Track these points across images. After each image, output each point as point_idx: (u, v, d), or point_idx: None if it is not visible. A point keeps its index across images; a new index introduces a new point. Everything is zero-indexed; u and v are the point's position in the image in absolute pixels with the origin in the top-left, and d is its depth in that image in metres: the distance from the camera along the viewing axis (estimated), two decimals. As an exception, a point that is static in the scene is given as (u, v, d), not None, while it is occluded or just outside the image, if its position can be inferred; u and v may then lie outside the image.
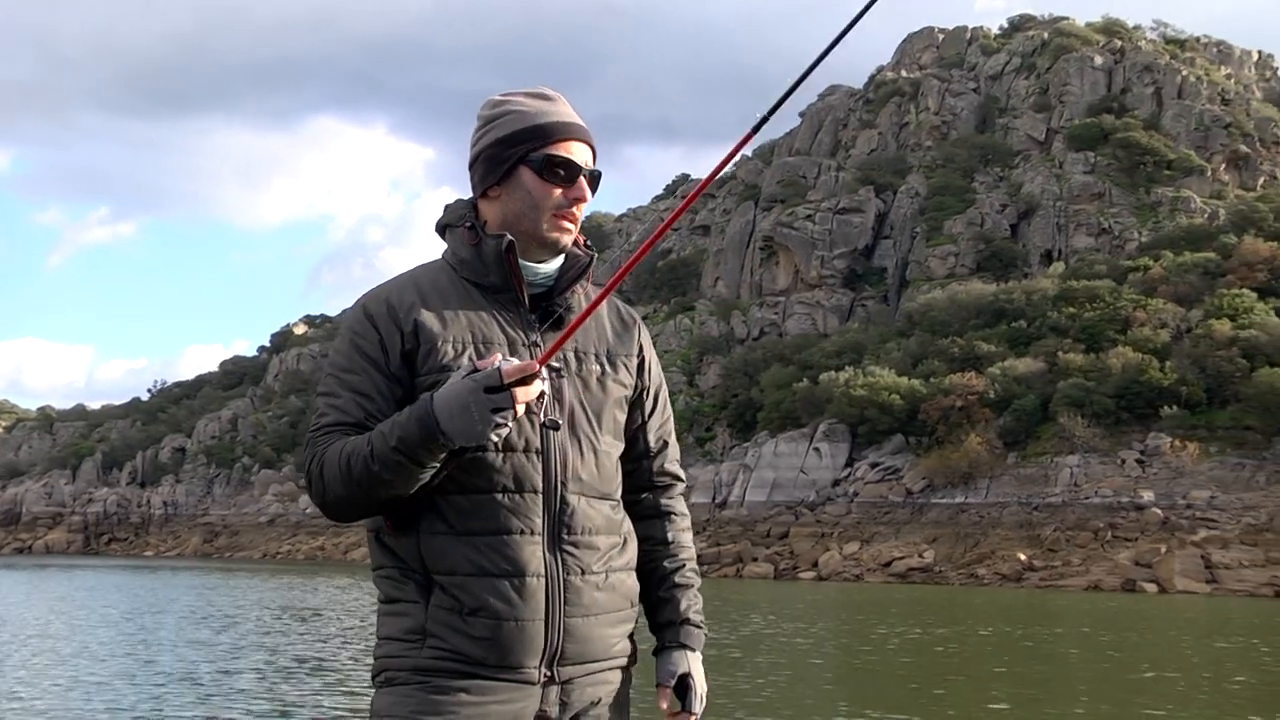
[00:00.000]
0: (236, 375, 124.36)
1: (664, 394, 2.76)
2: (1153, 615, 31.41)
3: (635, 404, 2.67)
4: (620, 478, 2.63)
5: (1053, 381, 59.46)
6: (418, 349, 2.45)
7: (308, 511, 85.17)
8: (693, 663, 2.66)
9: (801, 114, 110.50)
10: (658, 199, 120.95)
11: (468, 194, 2.70)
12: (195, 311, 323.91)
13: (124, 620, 25.02)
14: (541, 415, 2.40)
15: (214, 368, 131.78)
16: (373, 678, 2.50)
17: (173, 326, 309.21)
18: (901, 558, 52.13)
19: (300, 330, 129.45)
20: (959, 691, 14.98)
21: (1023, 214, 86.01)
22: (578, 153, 2.56)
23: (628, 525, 2.63)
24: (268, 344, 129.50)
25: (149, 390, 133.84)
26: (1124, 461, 54.67)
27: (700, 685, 2.66)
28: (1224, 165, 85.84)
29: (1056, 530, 50.72)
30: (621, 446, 2.62)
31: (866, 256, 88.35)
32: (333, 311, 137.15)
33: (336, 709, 12.83)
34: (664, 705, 2.64)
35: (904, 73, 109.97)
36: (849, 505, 58.34)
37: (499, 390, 2.23)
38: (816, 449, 62.37)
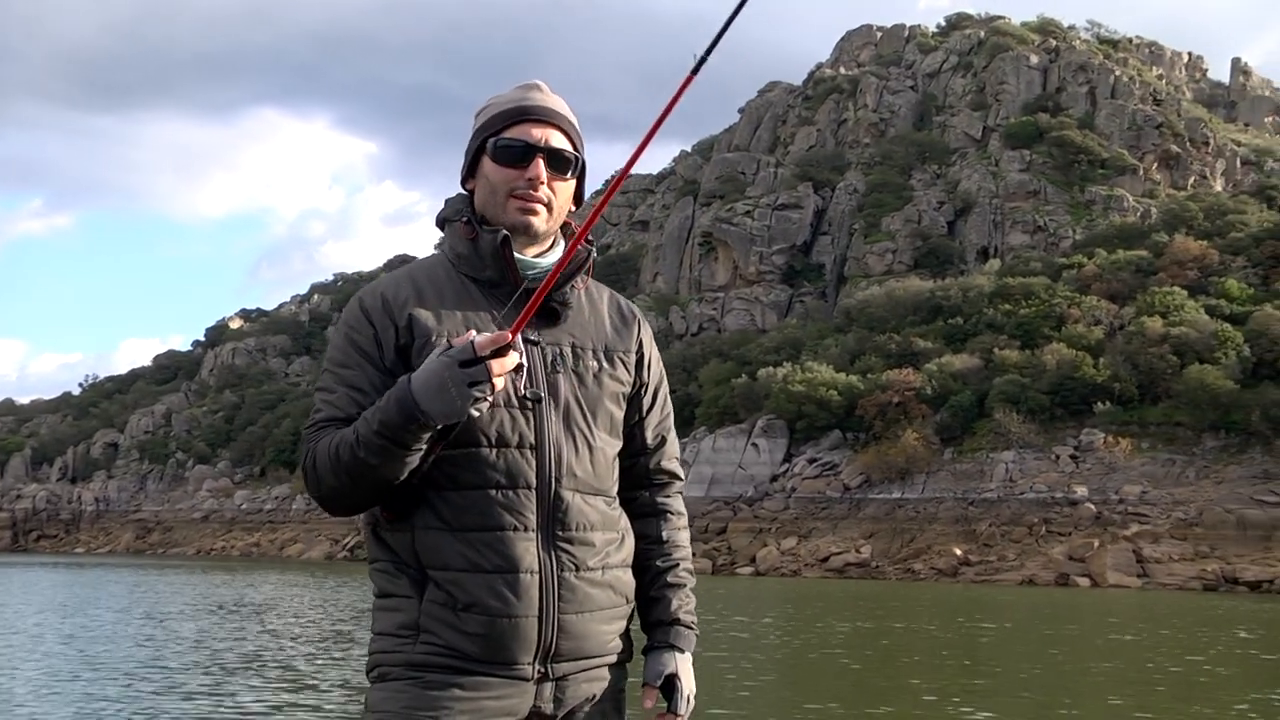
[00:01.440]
0: (171, 370, 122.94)
1: (664, 390, 2.75)
2: (1085, 609, 31.72)
3: (633, 400, 2.66)
4: (617, 474, 2.62)
5: (989, 378, 59.95)
6: (412, 343, 2.46)
7: (243, 508, 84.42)
8: (681, 664, 2.63)
9: (741, 110, 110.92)
10: (595, 194, 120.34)
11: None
12: (131, 305, 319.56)
13: (63, 619, 24.57)
14: (522, 388, 2.41)
15: (149, 362, 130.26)
16: (367, 673, 2.50)
17: (108, 320, 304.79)
18: (839, 553, 52.36)
19: (236, 324, 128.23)
20: (897, 684, 15.01)
21: (959, 211, 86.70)
22: (534, 132, 2.55)
23: (625, 521, 2.63)
24: (203, 338, 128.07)
25: (80, 385, 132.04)
26: (1058, 457, 55.23)
27: (688, 686, 2.62)
28: (1156, 165, 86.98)
29: (992, 525, 51.15)
30: (619, 443, 2.61)
31: (805, 253, 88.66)
32: (269, 305, 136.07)
33: (299, 707, 12.62)
34: (648, 704, 2.60)
35: (843, 70, 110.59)
36: (787, 501, 58.53)
37: (473, 363, 2.23)
38: (755, 445, 62.51)
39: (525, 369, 2.40)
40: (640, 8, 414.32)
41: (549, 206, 2.56)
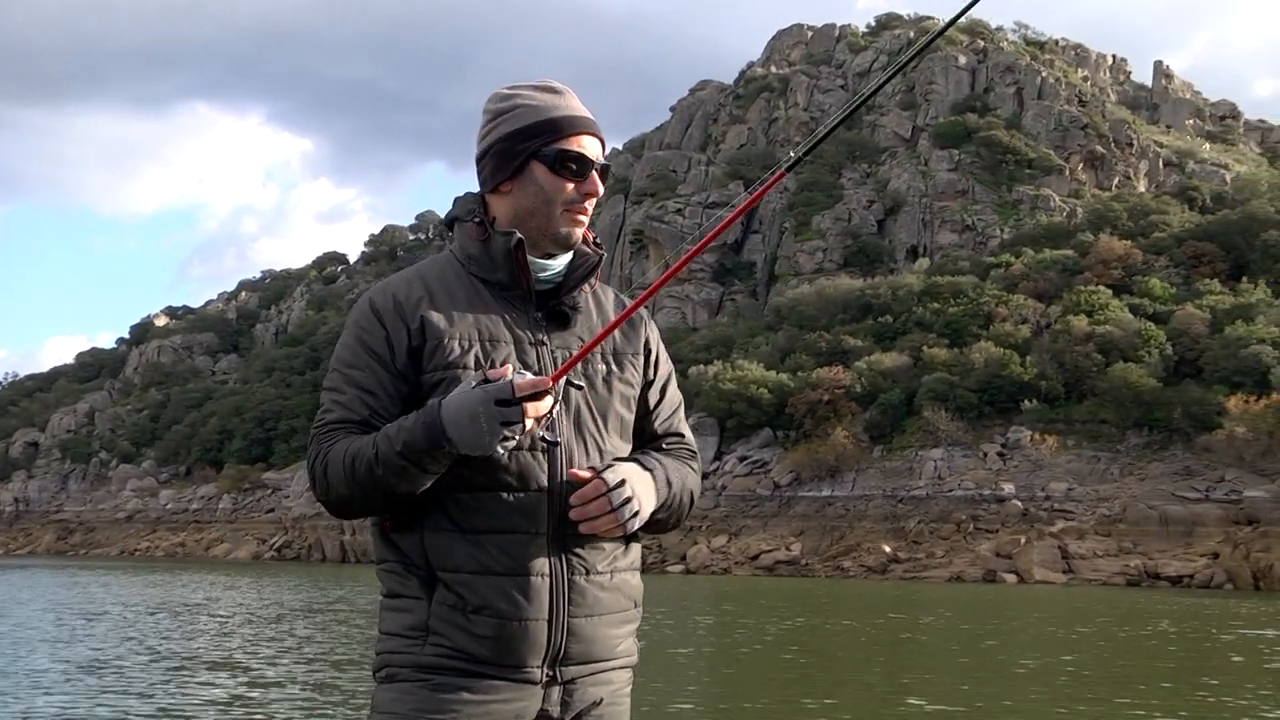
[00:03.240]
0: (94, 368, 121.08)
1: (672, 383, 2.76)
2: (1012, 605, 31.97)
3: (642, 398, 2.66)
4: None
5: (917, 376, 60.38)
6: (424, 345, 2.45)
7: (168, 507, 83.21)
8: (635, 470, 2.49)
9: (672, 108, 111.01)
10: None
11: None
12: (58, 303, 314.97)
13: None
14: (542, 430, 2.38)
15: (72, 360, 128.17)
16: (374, 673, 2.49)
17: (34, 317, 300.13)
18: (769, 550, 52.48)
19: (162, 322, 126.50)
20: (829, 680, 14.99)
21: (889, 210, 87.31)
22: (589, 147, 2.55)
23: None
24: (128, 336, 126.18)
25: (0, 382, 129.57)
26: (986, 455, 55.74)
27: (636, 487, 2.46)
28: (1081, 165, 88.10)
29: (920, 523, 51.50)
30: (628, 447, 2.59)
31: (735, 251, 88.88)
32: (196, 303, 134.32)
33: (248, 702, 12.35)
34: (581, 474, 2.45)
35: (773, 69, 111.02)
36: (717, 498, 58.57)
37: (510, 404, 2.24)
38: (685, 442, 62.46)
39: (555, 413, 2.39)
40: (580, 3, 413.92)
41: (589, 216, 2.59)
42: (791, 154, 2.36)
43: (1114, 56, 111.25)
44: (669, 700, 12.40)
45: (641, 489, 2.46)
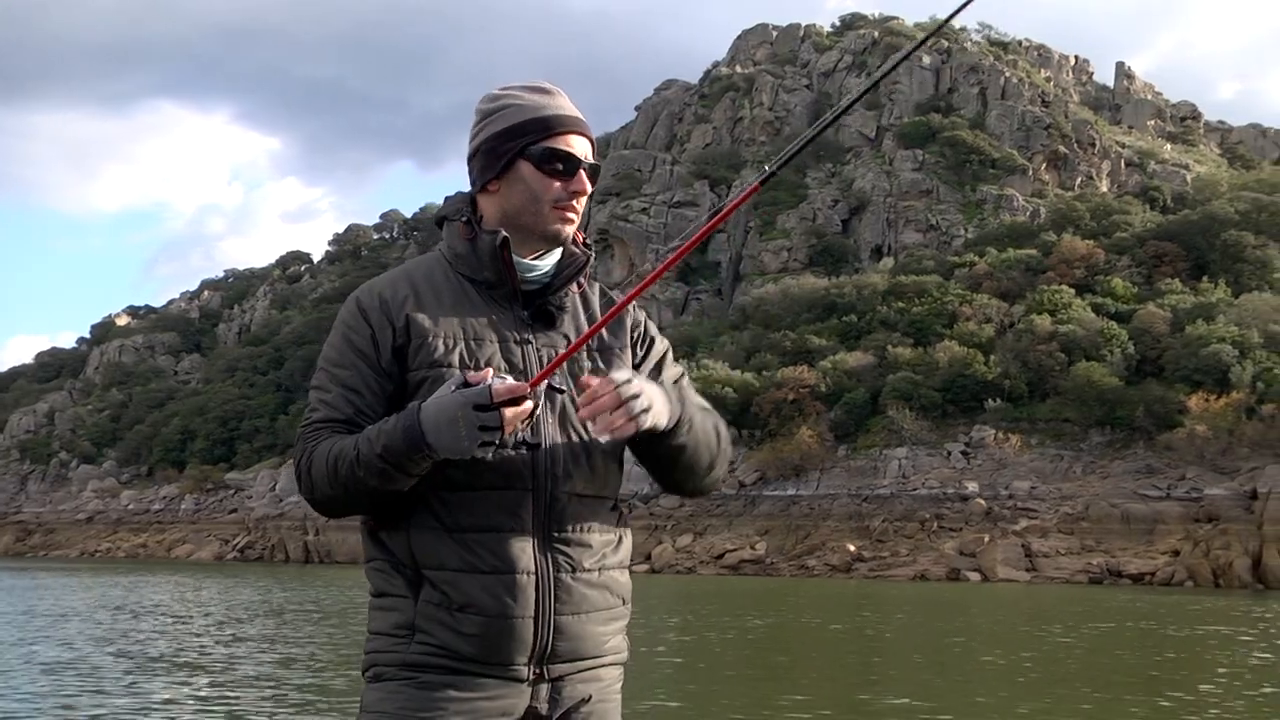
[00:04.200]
0: (54, 368, 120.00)
1: (668, 359, 2.72)
2: (974, 603, 32.10)
3: (639, 369, 2.62)
4: (619, 476, 2.61)
5: (882, 375, 60.57)
6: (409, 344, 2.45)
7: (129, 508, 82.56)
8: (652, 385, 2.42)
9: (637, 108, 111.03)
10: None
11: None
12: (21, 302, 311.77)
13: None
14: (523, 433, 2.38)
15: (31, 360, 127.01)
16: (362, 672, 2.49)
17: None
18: (734, 550, 52.51)
19: (123, 321, 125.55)
20: (796, 678, 14.99)
21: (854, 210, 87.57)
22: (577, 145, 2.55)
23: (624, 523, 2.63)
24: (88, 335, 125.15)
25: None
26: (950, 454, 55.98)
27: (651, 394, 2.38)
28: (1044, 165, 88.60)
29: (885, 521, 51.66)
30: (619, 447, 2.56)
31: (700, 250, 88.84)
32: (160, 303, 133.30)
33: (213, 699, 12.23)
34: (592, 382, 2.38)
35: (738, 68, 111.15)
36: (682, 498, 58.52)
37: (487, 409, 2.23)
38: (651, 442, 62.46)
39: (536, 417, 2.36)
40: (547, 3, 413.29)
41: (578, 215, 2.59)
42: (764, 161, 2.33)
43: (1076, 57, 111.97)
44: (638, 698, 12.36)
45: (651, 389, 2.39)
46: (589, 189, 2.57)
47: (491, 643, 2.38)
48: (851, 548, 49.90)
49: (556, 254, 2.58)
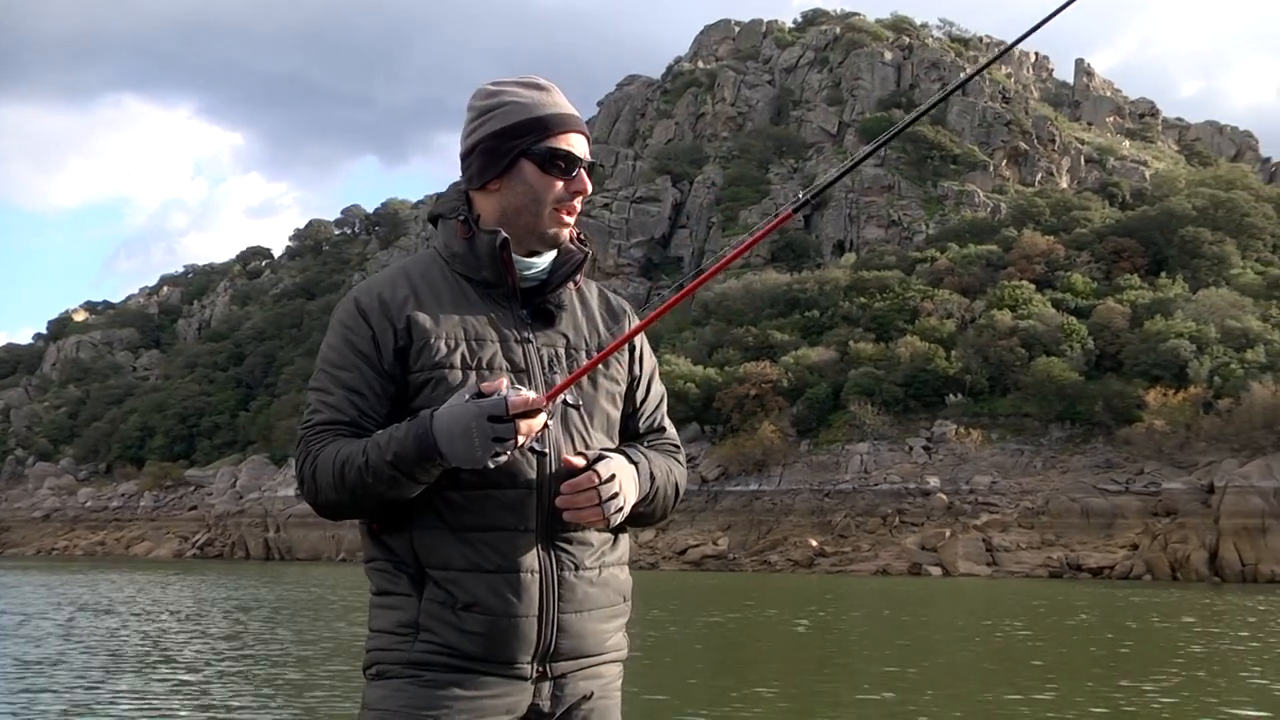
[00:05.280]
0: (10, 364, 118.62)
1: (656, 379, 2.75)
2: (936, 598, 32.24)
3: (628, 394, 2.66)
4: None
5: (844, 370, 60.72)
6: (411, 345, 2.44)
7: (87, 505, 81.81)
8: (621, 462, 2.47)
9: (600, 103, 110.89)
10: (454, 185, 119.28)
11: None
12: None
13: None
14: (532, 442, 2.34)
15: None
16: (364, 670, 2.49)
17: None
18: (696, 545, 52.57)
19: (81, 317, 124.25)
20: (754, 672, 15.00)
21: (816, 205, 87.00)
22: (577, 145, 2.55)
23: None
24: (45, 331, 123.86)
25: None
26: (911, 449, 56.18)
27: (623, 482, 2.44)
28: (1005, 161, 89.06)
29: (847, 516, 51.81)
30: (615, 444, 2.59)
31: (663, 246, 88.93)
32: (119, 298, 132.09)
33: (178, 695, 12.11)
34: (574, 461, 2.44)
35: (701, 64, 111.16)
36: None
37: (503, 421, 2.23)
38: (613, 437, 62.41)
39: (549, 428, 2.36)
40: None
41: (576, 214, 2.59)
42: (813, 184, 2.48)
43: (1036, 54, 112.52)
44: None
45: (628, 483, 2.45)
46: (589, 189, 2.57)
47: (496, 641, 2.39)
48: (814, 543, 50.04)
49: (554, 252, 2.58)
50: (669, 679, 14.77)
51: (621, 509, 2.43)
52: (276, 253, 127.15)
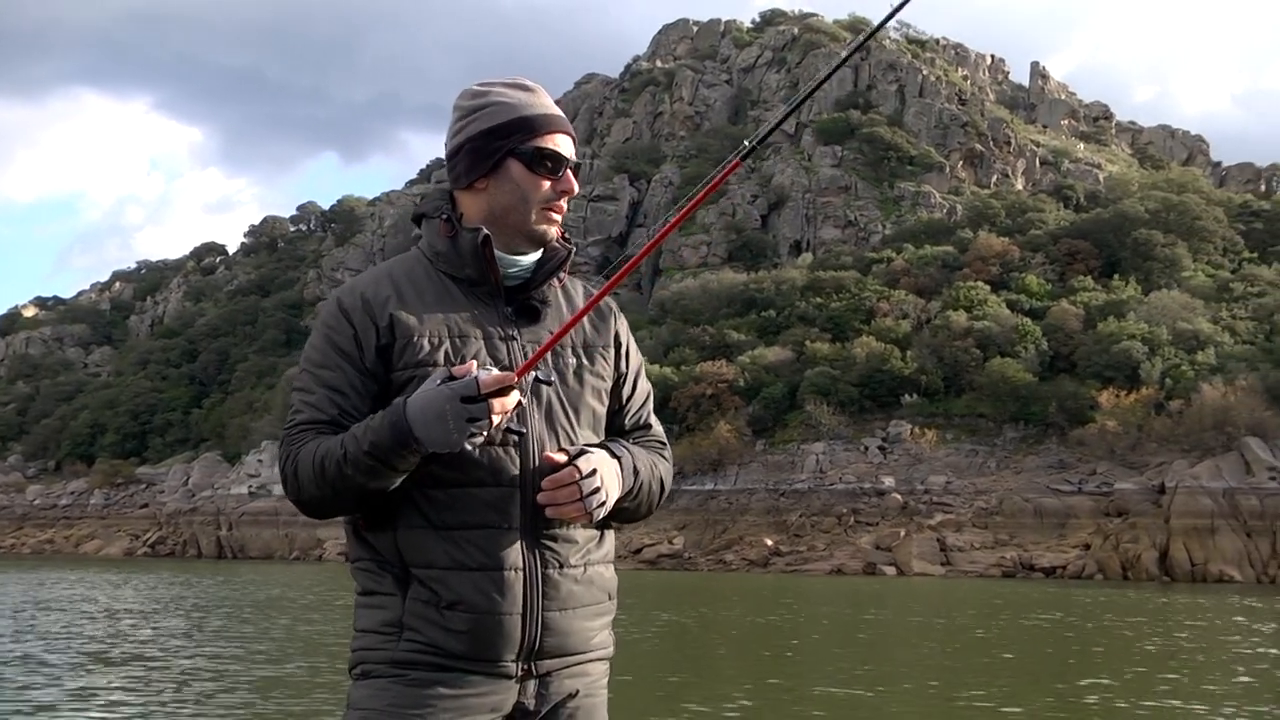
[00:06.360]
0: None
1: (642, 377, 2.76)
2: (890, 597, 32.35)
3: (614, 391, 2.67)
4: None
5: (800, 370, 60.86)
6: (393, 344, 2.45)
7: (35, 503, 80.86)
8: (603, 457, 2.47)
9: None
10: (411, 183, 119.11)
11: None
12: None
13: None
14: (509, 423, 2.35)
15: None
16: (350, 670, 2.49)
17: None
18: (652, 544, 52.55)
19: (31, 313, 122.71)
20: (709, 673, 14.99)
21: (773, 205, 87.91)
22: (564, 145, 2.57)
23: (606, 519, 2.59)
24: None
25: None
26: (867, 448, 56.38)
27: (605, 477, 2.44)
28: (961, 162, 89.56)
29: (802, 516, 51.94)
30: (600, 439, 2.58)
31: (620, 244, 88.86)
32: (67, 293, 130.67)
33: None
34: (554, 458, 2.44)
35: (659, 63, 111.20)
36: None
37: (475, 400, 2.23)
38: (570, 436, 62.30)
39: (521, 406, 2.36)
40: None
41: (562, 215, 2.60)
42: (746, 144, 2.43)
43: (992, 56, 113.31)
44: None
45: (610, 478, 2.45)
46: (576, 189, 2.58)
47: (480, 639, 2.38)
48: (769, 542, 50.13)
49: (538, 249, 2.58)
50: (625, 678, 14.71)
51: (604, 503, 2.43)
52: (232, 249, 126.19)
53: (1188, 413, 49.65)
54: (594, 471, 2.41)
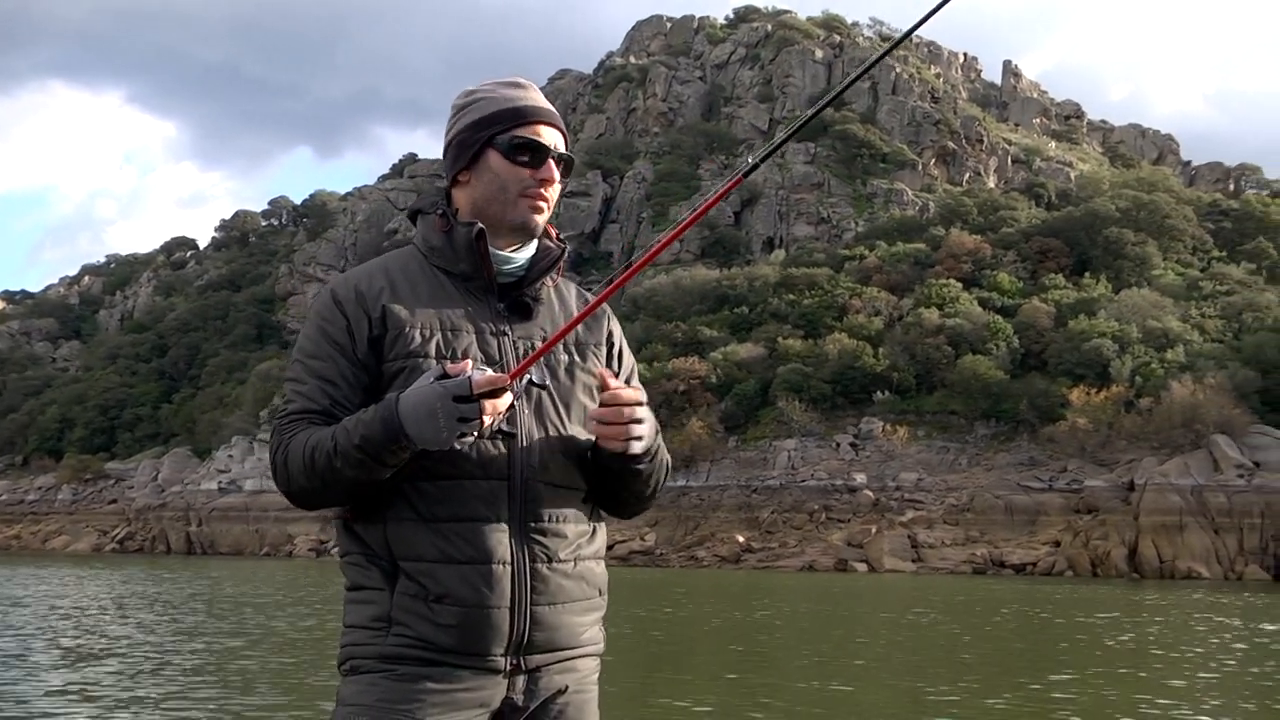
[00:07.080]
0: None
1: (634, 378, 2.75)
2: (863, 593, 32.41)
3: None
4: (589, 469, 2.59)
5: (772, 367, 60.92)
6: (385, 335, 2.47)
7: (2, 499, 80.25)
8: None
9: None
10: (383, 178, 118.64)
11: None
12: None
13: None
14: (500, 423, 2.36)
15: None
16: (339, 665, 2.50)
17: None
18: (623, 541, 52.47)
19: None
20: (684, 668, 14.97)
21: (746, 202, 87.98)
22: (546, 135, 2.58)
23: (597, 515, 2.64)
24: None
25: None
26: (839, 445, 56.48)
27: (647, 414, 2.51)
28: (934, 160, 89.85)
29: (774, 512, 51.99)
30: (591, 438, 2.56)
31: (593, 240, 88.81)
32: (37, 287, 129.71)
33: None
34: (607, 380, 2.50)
35: (633, 59, 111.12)
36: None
37: (468, 400, 2.24)
38: (542, 432, 62.24)
39: (514, 408, 2.37)
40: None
41: (549, 205, 2.60)
42: (750, 157, 2.46)
43: (965, 54, 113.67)
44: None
45: (649, 424, 2.50)
46: (557, 178, 2.59)
47: (468, 633, 2.38)
48: (741, 539, 50.17)
49: (532, 247, 2.61)
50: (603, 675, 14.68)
51: (641, 438, 2.45)
52: (203, 243, 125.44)
53: (1157, 410, 49.91)
54: (643, 404, 2.46)
